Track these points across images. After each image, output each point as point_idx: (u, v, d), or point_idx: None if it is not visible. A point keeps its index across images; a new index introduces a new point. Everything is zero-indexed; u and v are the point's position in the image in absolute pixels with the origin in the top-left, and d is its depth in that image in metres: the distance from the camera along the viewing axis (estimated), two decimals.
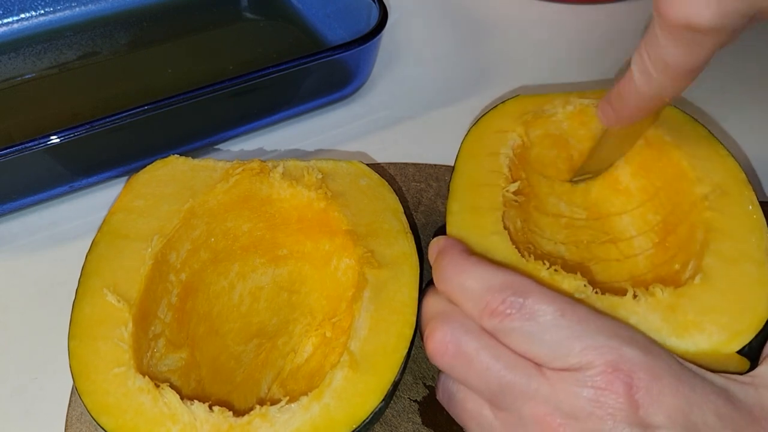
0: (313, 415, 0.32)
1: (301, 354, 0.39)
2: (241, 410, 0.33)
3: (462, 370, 0.31)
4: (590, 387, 0.28)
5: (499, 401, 0.30)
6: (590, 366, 0.28)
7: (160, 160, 0.42)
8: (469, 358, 0.30)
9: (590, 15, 0.66)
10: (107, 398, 0.32)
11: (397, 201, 0.41)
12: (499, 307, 0.30)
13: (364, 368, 0.33)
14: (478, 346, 0.30)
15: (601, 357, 0.28)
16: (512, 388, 0.29)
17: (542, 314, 0.29)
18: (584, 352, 0.28)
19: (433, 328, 0.31)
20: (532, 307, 0.30)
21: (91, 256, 0.37)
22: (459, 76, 0.59)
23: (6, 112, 0.52)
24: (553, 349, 0.29)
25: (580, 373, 0.28)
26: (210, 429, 0.31)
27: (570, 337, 0.29)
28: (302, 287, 0.42)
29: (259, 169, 0.41)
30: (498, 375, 0.29)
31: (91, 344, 0.34)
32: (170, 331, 0.38)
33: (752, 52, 0.62)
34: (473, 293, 0.31)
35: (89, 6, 0.60)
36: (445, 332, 0.31)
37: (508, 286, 0.30)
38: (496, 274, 0.31)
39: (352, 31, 0.53)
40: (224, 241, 0.42)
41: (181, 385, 0.36)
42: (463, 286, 0.32)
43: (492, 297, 0.30)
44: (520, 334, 0.29)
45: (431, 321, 0.32)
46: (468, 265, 0.32)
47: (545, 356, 0.29)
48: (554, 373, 0.29)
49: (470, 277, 0.32)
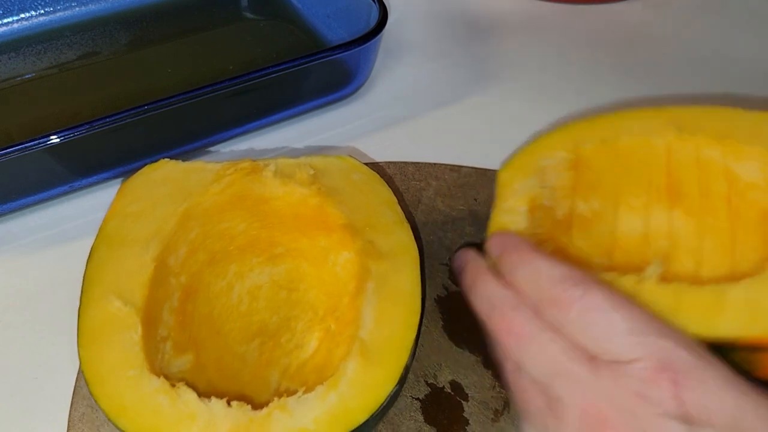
0: (331, 404, 0.32)
1: (306, 349, 0.39)
2: (255, 405, 0.33)
3: (521, 349, 0.32)
4: (637, 380, 0.28)
5: (551, 386, 0.31)
6: (639, 360, 0.29)
7: (150, 165, 0.42)
8: (529, 338, 0.31)
9: (590, 15, 0.66)
10: (124, 401, 0.32)
11: (390, 193, 0.41)
12: (560, 296, 0.31)
13: (375, 357, 0.33)
14: (540, 328, 0.31)
15: (652, 354, 0.29)
16: (564, 372, 0.30)
17: (598, 308, 0.30)
18: (635, 348, 0.29)
19: (501, 313, 0.33)
20: (589, 300, 0.30)
21: (91, 264, 0.37)
22: (459, 76, 0.59)
23: (6, 112, 0.52)
24: (606, 342, 0.30)
25: (629, 366, 0.29)
26: (230, 424, 0.31)
27: (623, 333, 0.29)
28: (300, 284, 0.42)
29: (251, 169, 0.41)
30: (553, 357, 0.30)
31: (102, 350, 0.34)
32: (175, 333, 0.38)
33: None
34: (535, 283, 0.32)
35: (89, 6, 0.60)
36: (512, 316, 0.32)
37: (569, 278, 0.32)
38: (557, 266, 0.33)
39: (352, 31, 0.53)
40: (220, 242, 0.42)
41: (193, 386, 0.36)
42: (526, 276, 0.33)
43: (553, 287, 0.32)
44: (576, 326, 0.30)
45: (497, 307, 0.33)
46: (534, 257, 0.34)
47: (598, 348, 0.30)
48: (605, 365, 0.29)
49: (534, 269, 0.33)
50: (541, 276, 0.32)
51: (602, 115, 0.43)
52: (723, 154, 0.40)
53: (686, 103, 0.44)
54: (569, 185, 0.42)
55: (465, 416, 0.38)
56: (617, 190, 0.43)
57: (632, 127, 0.42)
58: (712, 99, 0.57)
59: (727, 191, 0.41)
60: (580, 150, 0.42)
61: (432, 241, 0.46)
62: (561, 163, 0.42)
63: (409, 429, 0.37)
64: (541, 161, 0.41)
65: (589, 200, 0.43)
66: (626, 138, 0.42)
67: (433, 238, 0.46)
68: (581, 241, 0.42)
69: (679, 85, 0.59)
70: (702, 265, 0.41)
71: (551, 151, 0.42)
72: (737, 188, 0.40)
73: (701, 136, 0.41)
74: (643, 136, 0.42)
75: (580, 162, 0.42)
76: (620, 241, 0.43)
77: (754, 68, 0.60)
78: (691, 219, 0.42)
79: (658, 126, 0.42)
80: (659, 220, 0.43)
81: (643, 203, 0.43)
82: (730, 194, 0.41)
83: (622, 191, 0.43)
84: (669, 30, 0.65)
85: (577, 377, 0.30)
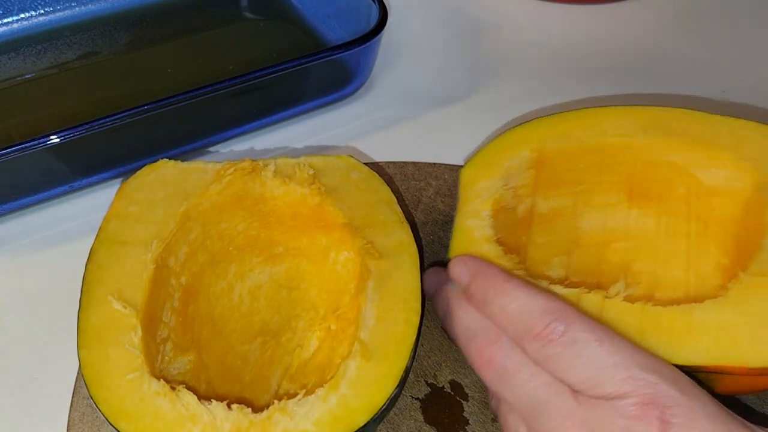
0: (332, 405, 0.32)
1: (307, 348, 0.39)
2: (255, 408, 0.32)
3: (502, 384, 0.31)
4: (625, 417, 0.28)
5: (534, 419, 0.30)
6: (626, 396, 0.28)
7: (150, 165, 0.42)
8: (510, 373, 0.31)
9: (590, 15, 0.66)
10: (124, 404, 0.32)
11: (389, 192, 0.41)
12: (542, 331, 0.30)
13: (376, 357, 0.33)
14: (520, 362, 0.31)
15: (638, 389, 0.28)
16: (547, 406, 0.30)
17: (583, 341, 0.30)
18: (622, 383, 0.29)
19: (479, 346, 0.32)
20: (573, 334, 0.30)
21: (91, 265, 0.37)
22: (459, 76, 0.59)
23: (6, 112, 0.52)
24: (591, 376, 0.29)
25: (615, 402, 0.28)
26: (231, 427, 0.31)
27: (608, 366, 0.29)
28: (301, 283, 0.42)
29: (250, 168, 0.41)
30: (535, 392, 0.30)
31: (102, 352, 0.34)
32: (176, 334, 0.38)
33: None
34: (515, 317, 0.32)
35: (89, 6, 0.60)
36: (491, 350, 0.32)
37: (550, 312, 0.31)
38: (537, 298, 0.32)
39: (352, 31, 0.53)
40: (220, 242, 0.42)
41: (192, 388, 0.36)
42: (506, 309, 0.32)
43: (534, 322, 0.31)
44: (559, 360, 0.30)
45: (476, 338, 0.33)
46: (509, 287, 0.33)
47: (582, 383, 0.29)
48: (590, 400, 0.29)
49: (512, 300, 0.32)
50: (520, 309, 0.32)
51: (568, 112, 0.43)
52: (687, 158, 0.40)
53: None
54: (531, 183, 0.42)
55: (465, 416, 0.38)
56: (579, 188, 0.43)
57: (597, 126, 0.42)
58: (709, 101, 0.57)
59: (687, 194, 0.41)
60: (543, 148, 0.41)
61: (432, 241, 0.46)
62: (524, 162, 0.41)
63: (409, 429, 0.37)
64: (505, 162, 0.41)
65: (550, 198, 0.43)
66: (591, 137, 0.41)
67: (433, 238, 0.46)
68: (541, 239, 0.43)
69: (679, 84, 0.59)
70: (660, 265, 0.41)
71: (515, 150, 0.41)
72: (698, 192, 0.40)
73: (667, 138, 0.40)
74: (608, 135, 0.41)
75: (542, 160, 0.42)
76: (580, 238, 0.43)
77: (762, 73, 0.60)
78: (650, 219, 0.42)
79: (624, 126, 0.41)
80: (619, 218, 0.43)
81: (604, 201, 0.43)
82: (690, 198, 0.41)
83: (584, 189, 0.43)
84: (669, 30, 0.65)
85: (562, 411, 0.29)
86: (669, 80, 0.59)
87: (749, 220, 0.38)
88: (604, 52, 0.62)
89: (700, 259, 0.41)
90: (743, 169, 0.38)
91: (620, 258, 0.42)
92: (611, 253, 0.42)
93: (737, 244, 0.39)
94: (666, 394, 0.28)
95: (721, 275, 0.39)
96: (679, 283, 0.40)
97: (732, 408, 0.29)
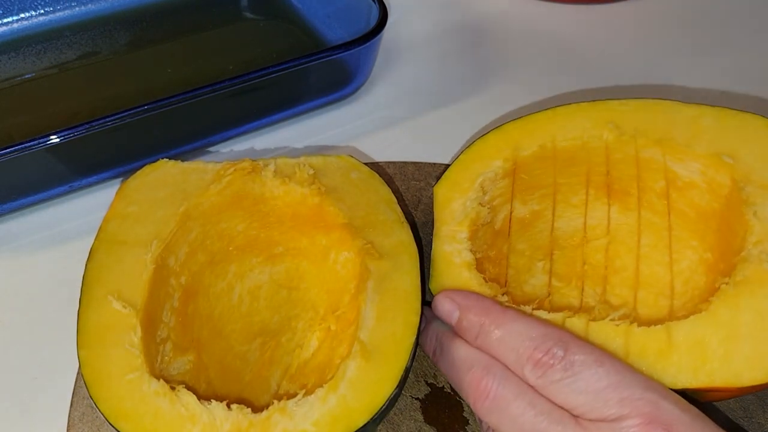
0: (331, 406, 0.32)
1: (307, 348, 0.39)
2: (255, 408, 0.32)
3: (500, 414, 0.31)
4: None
5: None
6: (627, 417, 0.28)
7: (149, 165, 0.42)
8: (508, 401, 0.31)
9: (590, 15, 0.66)
10: (124, 404, 0.32)
11: (389, 192, 0.41)
12: (543, 358, 0.31)
13: (376, 357, 0.33)
14: (517, 392, 0.31)
15: (639, 409, 0.28)
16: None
17: (581, 365, 0.30)
18: (622, 404, 0.29)
19: (475, 377, 0.32)
20: (572, 359, 0.30)
21: (90, 265, 0.37)
22: (459, 76, 0.59)
23: (6, 112, 0.52)
24: (591, 399, 0.29)
25: (617, 424, 0.28)
26: (230, 427, 0.31)
27: (608, 388, 0.29)
28: (301, 283, 0.42)
29: (250, 168, 0.41)
30: (534, 420, 0.30)
31: (101, 352, 0.34)
32: (176, 334, 0.38)
33: None
34: (514, 346, 0.32)
35: (89, 6, 0.60)
36: (487, 380, 0.32)
37: (548, 338, 0.31)
38: (534, 326, 0.32)
39: (352, 31, 0.53)
40: (220, 242, 0.42)
41: (192, 388, 0.36)
42: (503, 339, 0.32)
43: (534, 350, 0.31)
44: (560, 385, 0.30)
45: (472, 370, 0.33)
46: (506, 319, 0.33)
47: (583, 407, 0.29)
48: (591, 424, 0.29)
49: (510, 330, 0.32)
50: (520, 338, 0.32)
51: (539, 113, 0.42)
52: (662, 152, 0.40)
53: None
54: (507, 191, 0.42)
55: (465, 416, 0.38)
56: (555, 189, 0.43)
57: (570, 124, 0.41)
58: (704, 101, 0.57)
59: (665, 189, 0.40)
60: (517, 156, 0.41)
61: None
62: (498, 172, 0.41)
63: (409, 429, 0.37)
64: (478, 176, 0.40)
65: (527, 203, 0.43)
66: (563, 138, 0.41)
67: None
68: (522, 245, 0.42)
69: (679, 84, 0.59)
70: (642, 260, 0.41)
71: (488, 161, 0.41)
72: (676, 186, 0.40)
73: (644, 132, 0.40)
74: (583, 133, 0.41)
75: (516, 168, 0.41)
76: (561, 240, 0.43)
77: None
78: (629, 215, 0.42)
79: (597, 122, 0.41)
80: (599, 216, 0.43)
81: (582, 200, 0.43)
82: (668, 192, 0.40)
83: (560, 190, 0.43)
84: (669, 30, 0.65)
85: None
86: (669, 80, 0.59)
87: (730, 215, 0.38)
88: (604, 52, 0.62)
89: (683, 253, 0.40)
90: (720, 163, 0.38)
91: (602, 256, 0.42)
92: (593, 252, 0.42)
93: (719, 239, 0.38)
94: (666, 412, 0.28)
95: (706, 271, 0.39)
96: (664, 282, 0.40)
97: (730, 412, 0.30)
